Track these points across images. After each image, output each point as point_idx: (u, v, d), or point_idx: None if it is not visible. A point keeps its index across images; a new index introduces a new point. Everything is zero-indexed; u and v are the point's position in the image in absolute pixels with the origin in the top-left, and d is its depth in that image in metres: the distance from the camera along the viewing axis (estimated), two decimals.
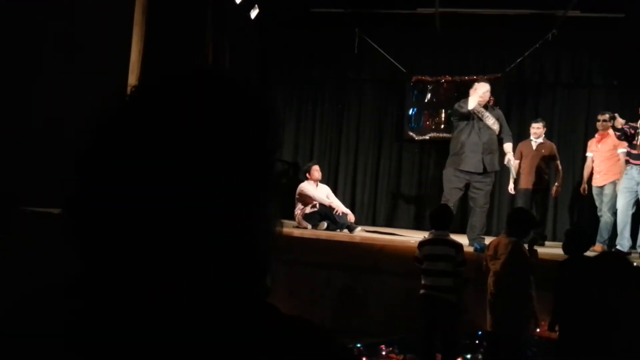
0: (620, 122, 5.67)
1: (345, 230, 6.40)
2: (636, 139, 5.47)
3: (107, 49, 4.92)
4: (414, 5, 7.67)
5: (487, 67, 7.96)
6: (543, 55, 7.76)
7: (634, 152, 5.52)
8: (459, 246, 3.95)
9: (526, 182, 6.41)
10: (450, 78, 7.93)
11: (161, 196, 0.52)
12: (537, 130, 6.48)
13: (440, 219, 4.00)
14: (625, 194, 5.55)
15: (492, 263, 3.73)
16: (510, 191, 6.25)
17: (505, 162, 5.87)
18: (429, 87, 8.06)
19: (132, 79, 5.14)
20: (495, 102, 7.79)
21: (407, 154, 8.23)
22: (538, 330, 4.28)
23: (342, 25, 7.85)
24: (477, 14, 7.52)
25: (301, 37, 8.20)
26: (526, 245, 3.79)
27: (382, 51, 7.92)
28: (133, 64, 5.32)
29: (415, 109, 8.05)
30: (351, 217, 6.63)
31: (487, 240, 5.30)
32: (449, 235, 3.98)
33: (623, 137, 5.65)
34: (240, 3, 7.03)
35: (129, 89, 0.59)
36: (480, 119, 5.53)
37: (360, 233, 6.38)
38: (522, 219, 3.97)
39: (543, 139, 6.52)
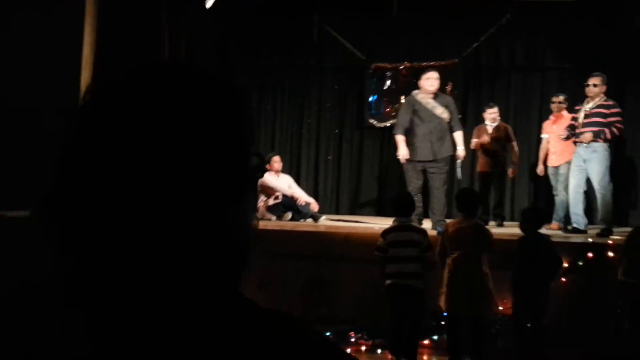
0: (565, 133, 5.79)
1: (310, 220, 6.42)
2: (577, 120, 5.65)
3: (57, 43, 4.75)
4: None
5: (445, 52, 8.06)
6: (498, 40, 7.91)
7: (577, 131, 5.70)
8: (424, 231, 4.03)
9: (484, 165, 6.56)
10: (409, 64, 7.98)
11: (142, 192, 0.51)
12: (491, 115, 6.63)
13: (402, 206, 4.06)
14: (575, 172, 5.72)
15: (455, 246, 3.80)
16: (458, 176, 6.34)
17: (455, 157, 5.94)
18: (388, 74, 8.10)
19: (86, 74, 4.99)
20: (453, 88, 7.93)
21: (369, 141, 8.27)
22: (501, 308, 4.41)
23: (301, 12, 7.81)
24: None
25: (259, 25, 8.11)
26: None
27: (341, 39, 7.92)
28: (86, 58, 5.15)
29: (375, 96, 8.09)
30: (315, 206, 6.66)
31: None
32: (412, 222, 4.05)
33: (568, 137, 5.79)
34: None
35: (94, 83, 0.58)
36: (427, 109, 5.65)
37: (325, 222, 6.41)
38: (473, 199, 4.09)
39: (498, 122, 6.66)
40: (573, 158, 5.81)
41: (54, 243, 0.54)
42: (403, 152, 5.67)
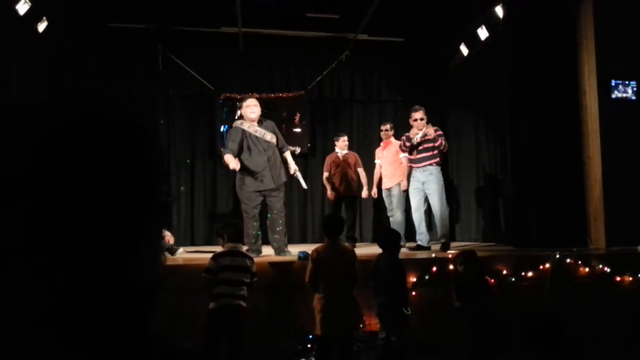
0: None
1: (166, 253, 6.17)
2: (413, 149, 6.29)
3: None
4: (217, 24, 7.76)
5: (292, 84, 8.41)
6: (339, 74, 8.47)
7: (412, 157, 6.33)
8: (251, 258, 4.15)
9: (337, 190, 6.91)
10: (258, 95, 8.15)
11: (48, 237, 0.49)
12: (342, 144, 7.02)
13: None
14: (415, 194, 6.28)
15: (327, 269, 3.93)
16: (304, 187, 6.38)
17: (292, 173, 5.98)
18: (238, 104, 8.17)
19: None
20: (301, 118, 8.29)
21: (222, 171, 8.23)
22: (362, 326, 4.65)
23: (144, 41, 7.60)
24: (278, 35, 7.88)
25: (100, 53, 7.72)
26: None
27: (187, 68, 7.84)
28: None
29: (226, 126, 8.09)
30: (170, 239, 6.41)
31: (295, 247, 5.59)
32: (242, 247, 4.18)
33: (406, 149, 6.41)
34: (25, 15, 6.36)
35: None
36: (257, 137, 5.69)
37: (183, 254, 6.21)
38: (339, 224, 4.30)
39: (347, 150, 7.09)
40: (411, 181, 6.36)
41: None
42: (234, 165, 5.49)
